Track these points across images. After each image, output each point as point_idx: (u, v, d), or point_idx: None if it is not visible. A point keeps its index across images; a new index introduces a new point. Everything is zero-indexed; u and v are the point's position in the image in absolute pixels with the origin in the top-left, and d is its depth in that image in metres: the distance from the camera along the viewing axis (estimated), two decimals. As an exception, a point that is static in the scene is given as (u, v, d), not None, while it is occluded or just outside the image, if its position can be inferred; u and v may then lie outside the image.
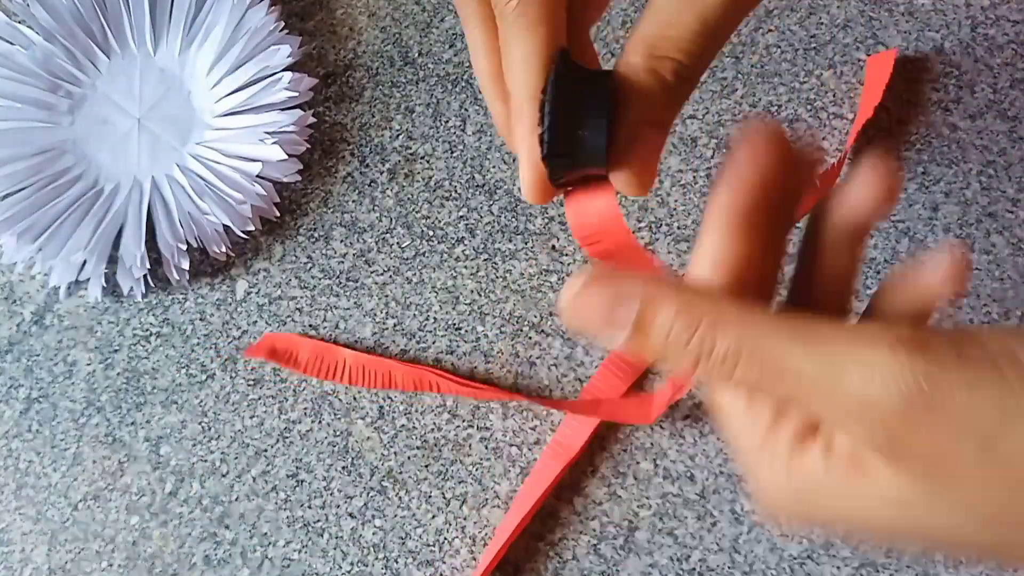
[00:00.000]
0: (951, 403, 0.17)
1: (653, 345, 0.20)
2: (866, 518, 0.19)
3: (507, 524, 0.40)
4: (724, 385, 0.21)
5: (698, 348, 0.19)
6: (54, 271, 0.45)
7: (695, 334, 0.19)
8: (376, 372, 0.42)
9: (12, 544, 0.43)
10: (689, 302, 0.20)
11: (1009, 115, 0.45)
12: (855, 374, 0.17)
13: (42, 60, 0.47)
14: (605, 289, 0.20)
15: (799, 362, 0.18)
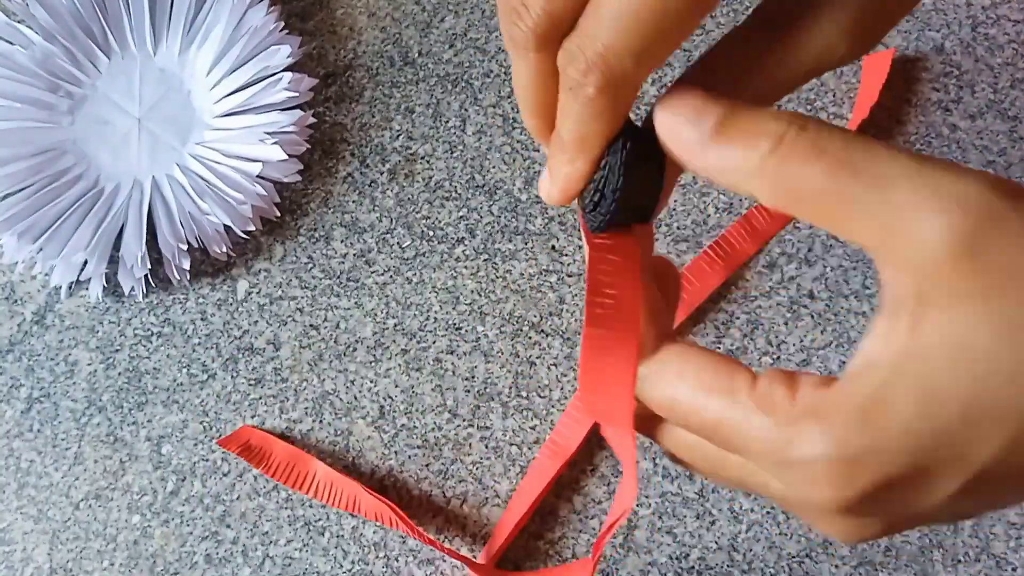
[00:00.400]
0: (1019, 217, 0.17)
1: (749, 163, 0.20)
2: (948, 386, 0.18)
3: (505, 523, 0.40)
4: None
5: (776, 170, 0.19)
6: (55, 271, 0.45)
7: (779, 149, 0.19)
8: (342, 493, 0.41)
9: (14, 543, 0.43)
10: (772, 115, 0.20)
11: (1009, 115, 0.45)
12: (933, 180, 0.18)
13: (42, 60, 0.47)
14: (690, 100, 0.21)
15: (871, 172, 0.18)
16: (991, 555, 0.39)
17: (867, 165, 0.18)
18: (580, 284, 0.44)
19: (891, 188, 0.18)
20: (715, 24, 0.48)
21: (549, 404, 0.42)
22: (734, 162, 0.20)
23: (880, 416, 0.18)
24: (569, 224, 0.45)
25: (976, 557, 0.39)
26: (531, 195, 0.46)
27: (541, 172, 0.25)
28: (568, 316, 0.43)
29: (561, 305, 0.44)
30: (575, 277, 0.44)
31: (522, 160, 0.46)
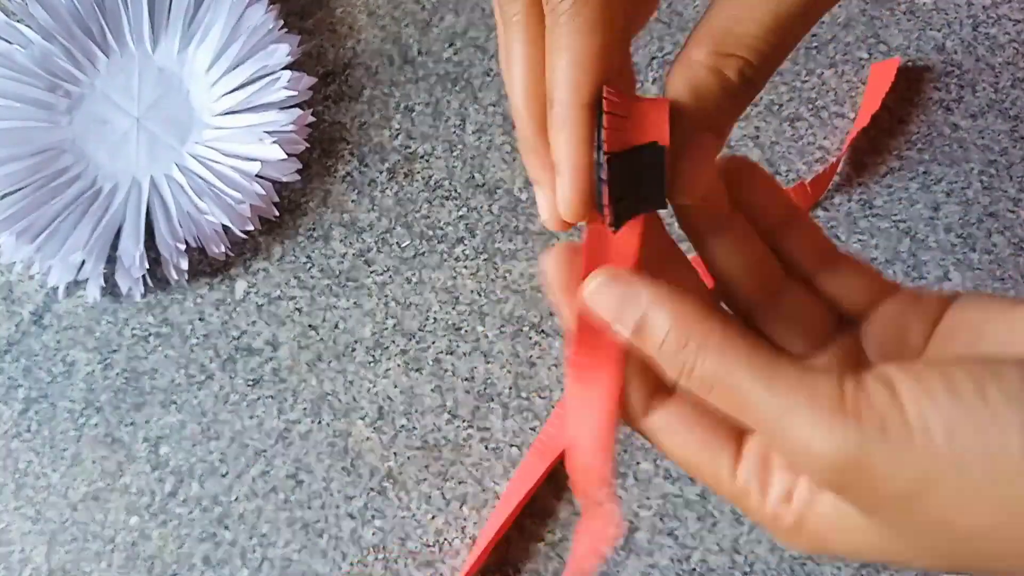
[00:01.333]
0: (875, 470, 0.19)
1: (647, 348, 0.21)
2: (852, 552, 0.22)
3: (492, 523, 0.40)
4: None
5: (681, 365, 0.21)
6: (53, 271, 0.45)
7: (683, 350, 0.21)
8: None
9: (11, 544, 0.43)
10: (684, 317, 0.21)
11: (1011, 114, 0.44)
12: (802, 427, 0.19)
13: (41, 59, 0.47)
14: (618, 289, 0.21)
15: (760, 400, 0.20)
16: (994, 557, 0.39)
17: (747, 409, 0.21)
18: (580, 284, 0.44)
19: (779, 391, 0.20)
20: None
21: (549, 404, 0.42)
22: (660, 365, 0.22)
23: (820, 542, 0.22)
24: (569, 224, 0.45)
25: (979, 559, 0.39)
26: (531, 195, 0.45)
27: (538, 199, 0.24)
28: (568, 316, 0.43)
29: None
30: (575, 277, 0.44)
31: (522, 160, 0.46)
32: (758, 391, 0.20)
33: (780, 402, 0.20)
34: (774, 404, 0.20)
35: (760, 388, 0.20)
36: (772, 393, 0.20)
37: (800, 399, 0.19)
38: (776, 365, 0.20)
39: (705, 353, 0.20)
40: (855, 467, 0.19)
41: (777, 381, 0.20)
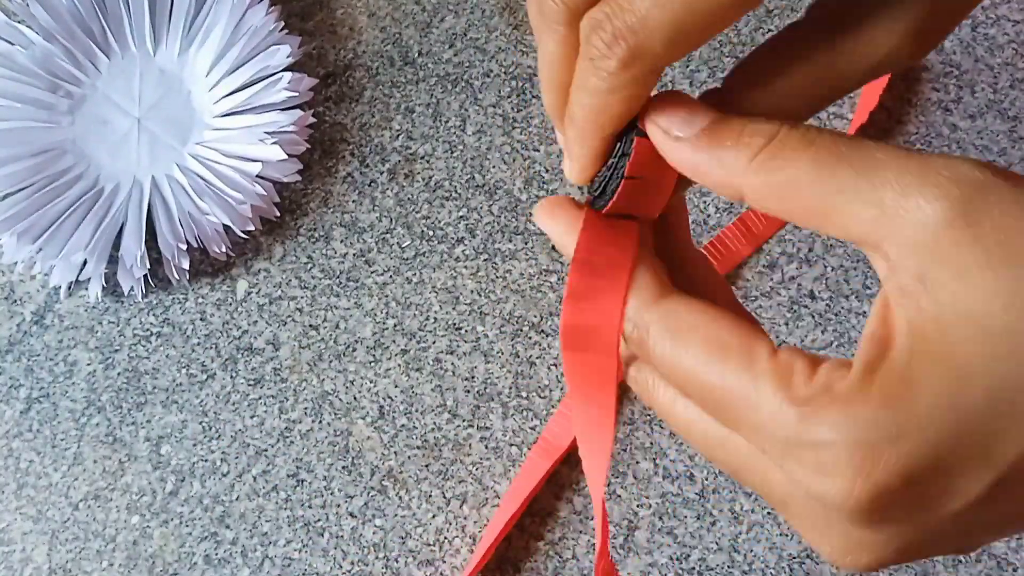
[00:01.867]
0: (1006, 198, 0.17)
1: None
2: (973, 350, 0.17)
3: (496, 522, 0.40)
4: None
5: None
6: (54, 271, 0.45)
7: None
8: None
9: (13, 544, 0.43)
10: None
11: (1009, 115, 0.45)
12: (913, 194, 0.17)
13: (42, 60, 0.47)
14: None
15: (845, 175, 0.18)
16: (992, 556, 0.39)
17: (856, 153, 0.18)
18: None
19: (881, 171, 0.18)
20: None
21: (549, 404, 0.42)
22: (725, 160, 0.19)
23: (904, 399, 0.17)
24: (569, 224, 0.45)
25: (977, 558, 0.39)
26: (531, 195, 0.46)
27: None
28: (568, 316, 0.43)
29: (561, 305, 0.44)
30: (575, 277, 0.44)
31: (522, 160, 0.46)
32: (854, 151, 0.18)
33: (883, 156, 0.18)
34: (879, 155, 0.18)
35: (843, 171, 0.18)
36: (870, 152, 0.18)
37: (906, 152, 0.18)
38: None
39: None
40: (988, 188, 0.17)
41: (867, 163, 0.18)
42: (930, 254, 0.17)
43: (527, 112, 0.47)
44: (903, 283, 0.18)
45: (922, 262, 0.17)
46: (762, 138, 0.19)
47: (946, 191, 0.17)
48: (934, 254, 0.17)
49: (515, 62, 0.48)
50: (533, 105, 0.47)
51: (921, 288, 0.17)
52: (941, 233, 0.17)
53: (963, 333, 0.17)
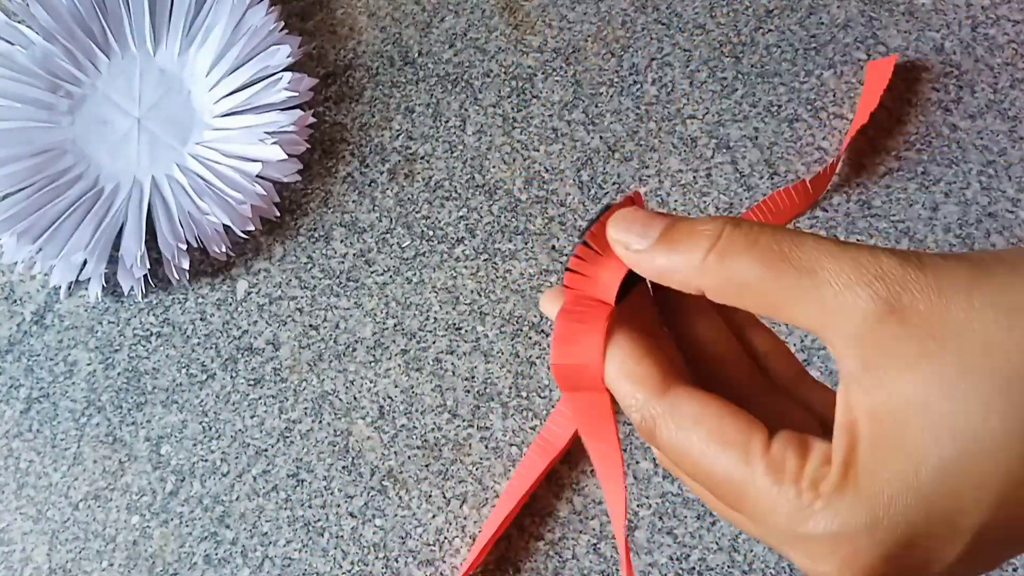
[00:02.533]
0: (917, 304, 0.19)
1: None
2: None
3: (494, 519, 0.40)
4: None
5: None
6: (54, 271, 0.45)
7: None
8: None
9: (13, 544, 0.43)
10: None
11: (1009, 115, 0.45)
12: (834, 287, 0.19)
13: (42, 60, 0.47)
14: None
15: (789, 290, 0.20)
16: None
17: (796, 252, 0.20)
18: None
19: (819, 270, 0.20)
20: (715, 24, 0.48)
21: (549, 404, 0.42)
22: (680, 263, 0.21)
23: (872, 492, 0.19)
24: (569, 224, 0.45)
25: (977, 557, 0.39)
26: (531, 195, 0.46)
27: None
28: (568, 316, 0.43)
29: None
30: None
31: (522, 160, 0.46)
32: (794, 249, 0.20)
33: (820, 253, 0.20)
34: (816, 253, 0.20)
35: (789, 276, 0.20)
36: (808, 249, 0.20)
37: (840, 248, 0.20)
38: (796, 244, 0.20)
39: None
40: (910, 280, 0.19)
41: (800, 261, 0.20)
42: (870, 346, 0.19)
43: (527, 112, 0.47)
44: (852, 371, 0.20)
45: (864, 354, 0.19)
46: (707, 240, 0.21)
47: (875, 290, 0.19)
48: (874, 346, 0.19)
49: (515, 62, 0.48)
50: (533, 105, 0.47)
51: (869, 376, 0.19)
52: (876, 327, 0.19)
53: (910, 419, 0.19)
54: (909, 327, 0.19)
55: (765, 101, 0.46)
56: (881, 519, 0.19)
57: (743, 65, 0.47)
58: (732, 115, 0.46)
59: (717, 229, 0.21)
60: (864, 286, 0.19)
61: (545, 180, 0.46)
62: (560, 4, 0.48)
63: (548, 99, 0.47)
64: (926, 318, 0.19)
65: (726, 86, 0.46)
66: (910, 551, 0.19)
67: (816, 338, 0.42)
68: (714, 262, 0.21)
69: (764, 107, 0.46)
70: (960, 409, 0.18)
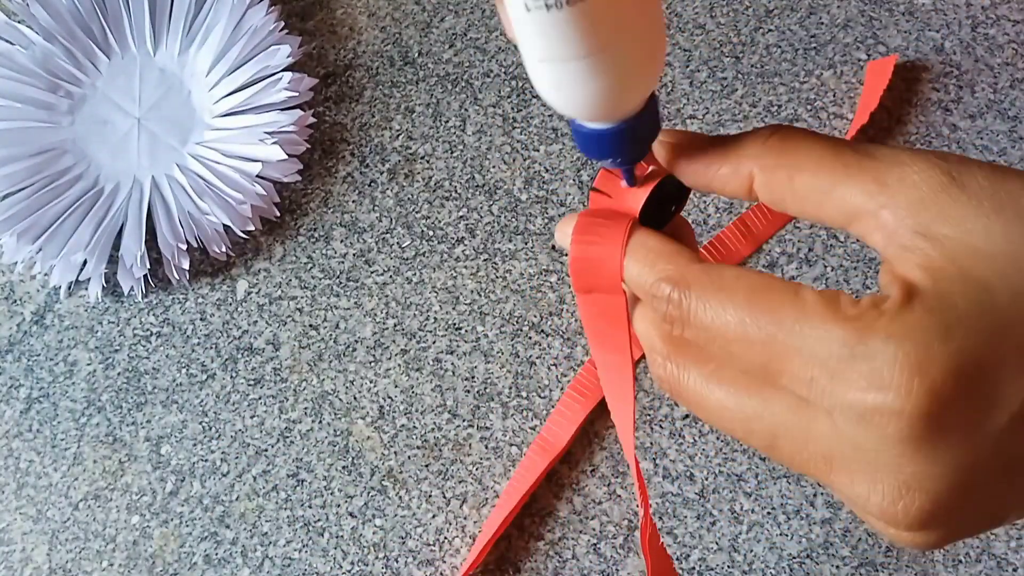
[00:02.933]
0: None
1: None
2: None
3: (494, 519, 0.40)
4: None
5: None
6: (54, 271, 0.45)
7: None
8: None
9: (13, 543, 0.43)
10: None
11: (1009, 115, 0.45)
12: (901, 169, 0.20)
13: (42, 60, 0.47)
14: None
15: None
16: (992, 555, 0.39)
17: (855, 142, 0.21)
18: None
19: (878, 155, 0.21)
20: (715, 24, 0.48)
21: (549, 404, 0.42)
22: (738, 147, 0.22)
23: (943, 309, 0.18)
24: (569, 224, 0.45)
25: (977, 558, 0.39)
26: (531, 195, 0.46)
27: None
28: (568, 316, 0.43)
29: (561, 305, 0.44)
30: (575, 277, 0.44)
31: (522, 160, 0.46)
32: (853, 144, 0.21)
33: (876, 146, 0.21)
34: (872, 145, 0.21)
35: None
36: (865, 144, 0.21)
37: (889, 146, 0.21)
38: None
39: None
40: (965, 161, 0.20)
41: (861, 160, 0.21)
42: (929, 211, 0.20)
43: (527, 112, 0.47)
44: (904, 242, 0.20)
45: (921, 219, 0.20)
46: (769, 130, 0.22)
47: (935, 163, 0.20)
48: (933, 210, 0.20)
49: (515, 62, 0.48)
50: (533, 105, 0.47)
51: (924, 241, 0.19)
52: (937, 194, 0.20)
53: (975, 262, 0.19)
54: (969, 193, 0.19)
55: (765, 101, 0.46)
56: (955, 330, 0.18)
57: (743, 65, 0.47)
58: (732, 115, 0.46)
59: (773, 126, 0.22)
60: (924, 161, 0.20)
61: (545, 180, 0.46)
62: (560, 4, 0.48)
63: (548, 99, 0.47)
64: (985, 187, 0.20)
65: (726, 86, 0.46)
66: (982, 375, 0.18)
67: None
68: (775, 143, 0.21)
69: (764, 107, 0.46)
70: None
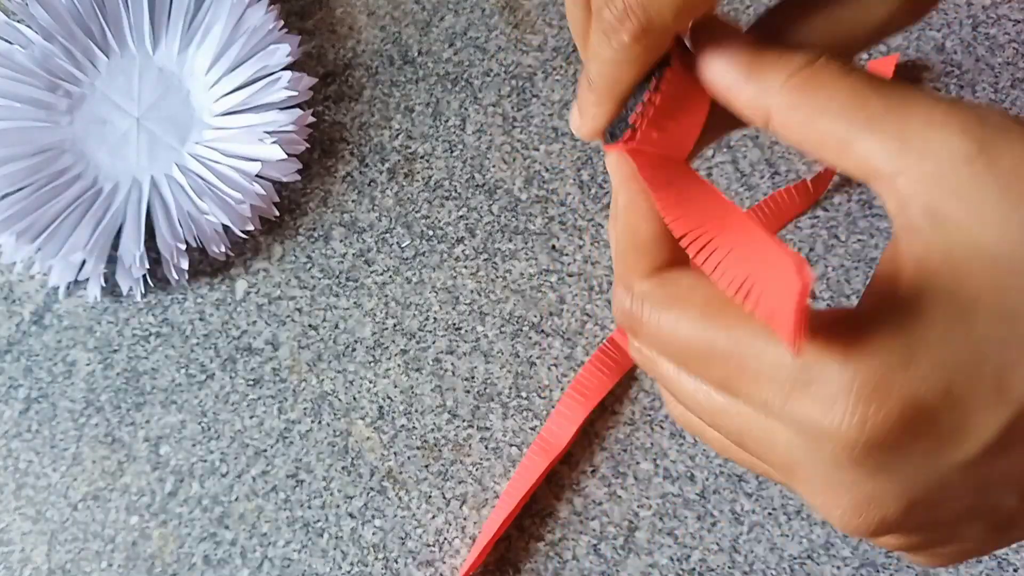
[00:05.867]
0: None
1: None
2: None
3: (494, 520, 0.40)
4: None
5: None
6: (53, 271, 0.45)
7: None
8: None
9: (12, 544, 0.43)
10: None
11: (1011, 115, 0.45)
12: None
13: (41, 59, 0.47)
14: None
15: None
16: (992, 556, 0.39)
17: (890, 89, 0.18)
18: (580, 284, 0.44)
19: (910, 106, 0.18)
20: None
21: (549, 404, 0.42)
22: (762, 76, 0.19)
23: (913, 329, 0.17)
24: (569, 224, 0.45)
25: (977, 558, 0.39)
26: (531, 195, 0.46)
27: (571, 106, 0.23)
28: (568, 316, 0.43)
29: (561, 305, 0.44)
30: (575, 277, 0.44)
31: (522, 159, 0.46)
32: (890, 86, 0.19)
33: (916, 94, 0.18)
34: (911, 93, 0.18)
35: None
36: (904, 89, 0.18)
37: (936, 95, 0.18)
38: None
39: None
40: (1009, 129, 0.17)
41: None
42: (944, 187, 0.17)
43: (527, 111, 0.47)
44: (912, 219, 0.18)
45: (934, 196, 0.17)
46: (802, 60, 0.19)
47: (970, 127, 0.17)
48: (949, 187, 0.17)
49: (515, 61, 0.47)
50: (533, 104, 0.47)
51: (930, 223, 0.17)
52: (960, 167, 0.17)
53: (973, 266, 0.17)
54: (996, 170, 0.17)
55: (766, 100, 0.46)
56: (921, 358, 0.16)
57: (743, 64, 0.47)
58: (732, 114, 0.46)
59: (813, 55, 0.19)
60: (958, 123, 0.17)
61: (545, 180, 0.46)
62: (560, 3, 0.48)
63: (548, 98, 0.47)
64: (1019, 164, 0.17)
65: (726, 85, 0.46)
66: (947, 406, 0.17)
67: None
68: (798, 83, 0.19)
69: (765, 106, 0.46)
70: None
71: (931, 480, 0.17)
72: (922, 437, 0.17)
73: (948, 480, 0.17)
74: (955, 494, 0.18)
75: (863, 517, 0.18)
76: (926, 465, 0.17)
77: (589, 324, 0.43)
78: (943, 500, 0.18)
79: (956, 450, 0.17)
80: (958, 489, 0.18)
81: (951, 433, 0.17)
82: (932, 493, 0.18)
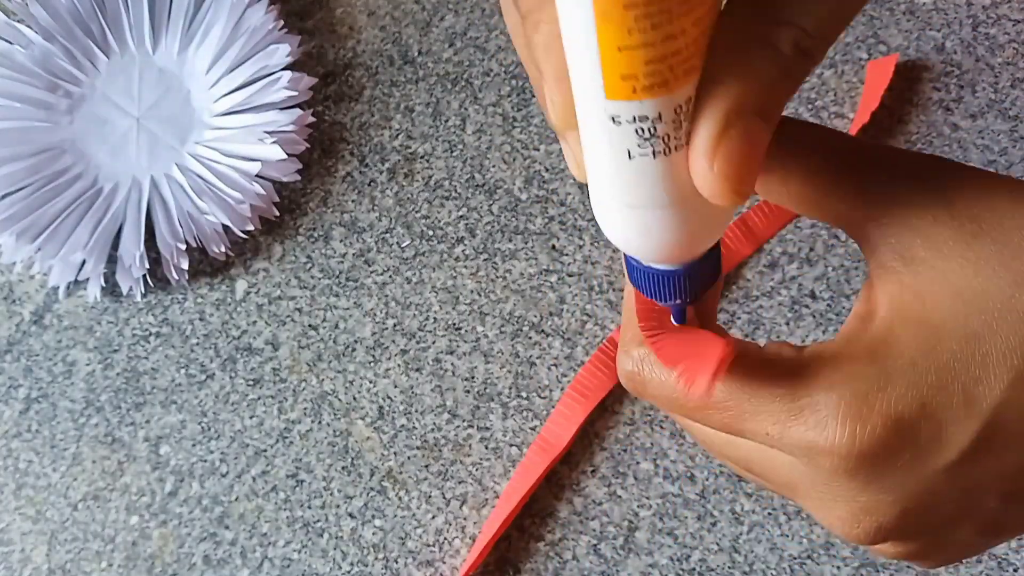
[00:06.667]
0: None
1: None
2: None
3: (494, 520, 0.40)
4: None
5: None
6: (53, 271, 0.45)
7: None
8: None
9: (12, 544, 0.43)
10: None
11: (1010, 115, 0.45)
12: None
13: (41, 59, 0.47)
14: None
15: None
16: (992, 555, 0.39)
17: (853, 145, 0.21)
18: (580, 284, 0.44)
19: (875, 164, 0.20)
20: None
21: (549, 404, 0.42)
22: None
23: (887, 355, 0.19)
24: (569, 224, 0.45)
25: (977, 558, 0.39)
26: (531, 195, 0.45)
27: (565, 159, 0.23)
28: (568, 316, 0.43)
29: (561, 305, 0.44)
30: (575, 277, 0.44)
31: (522, 160, 0.46)
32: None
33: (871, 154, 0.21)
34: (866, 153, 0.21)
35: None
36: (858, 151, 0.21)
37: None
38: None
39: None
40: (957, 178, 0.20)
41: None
42: (912, 232, 0.20)
43: (527, 111, 0.47)
44: (885, 261, 0.20)
45: (903, 239, 0.20)
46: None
47: (929, 189, 0.20)
48: (916, 231, 0.20)
49: (515, 61, 0.47)
50: (533, 104, 0.47)
51: (901, 263, 0.20)
52: (923, 213, 0.19)
53: (939, 299, 0.19)
54: (954, 211, 0.19)
55: (766, 100, 0.46)
56: (896, 379, 0.19)
57: (744, 64, 0.47)
58: (732, 114, 0.46)
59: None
60: (917, 183, 0.20)
61: (545, 180, 0.46)
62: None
63: (548, 98, 0.47)
64: (971, 204, 0.19)
65: (726, 85, 0.46)
66: (924, 419, 0.19)
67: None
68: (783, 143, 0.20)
69: (765, 106, 0.46)
70: (992, 286, 0.19)
71: (920, 487, 0.20)
72: (906, 447, 0.19)
73: (935, 487, 0.19)
74: (942, 499, 0.20)
75: (862, 525, 0.20)
76: (913, 473, 0.19)
77: (589, 324, 0.43)
78: (933, 505, 0.20)
79: (937, 457, 0.19)
80: (945, 495, 0.20)
81: (930, 443, 0.19)
82: (922, 499, 0.20)
